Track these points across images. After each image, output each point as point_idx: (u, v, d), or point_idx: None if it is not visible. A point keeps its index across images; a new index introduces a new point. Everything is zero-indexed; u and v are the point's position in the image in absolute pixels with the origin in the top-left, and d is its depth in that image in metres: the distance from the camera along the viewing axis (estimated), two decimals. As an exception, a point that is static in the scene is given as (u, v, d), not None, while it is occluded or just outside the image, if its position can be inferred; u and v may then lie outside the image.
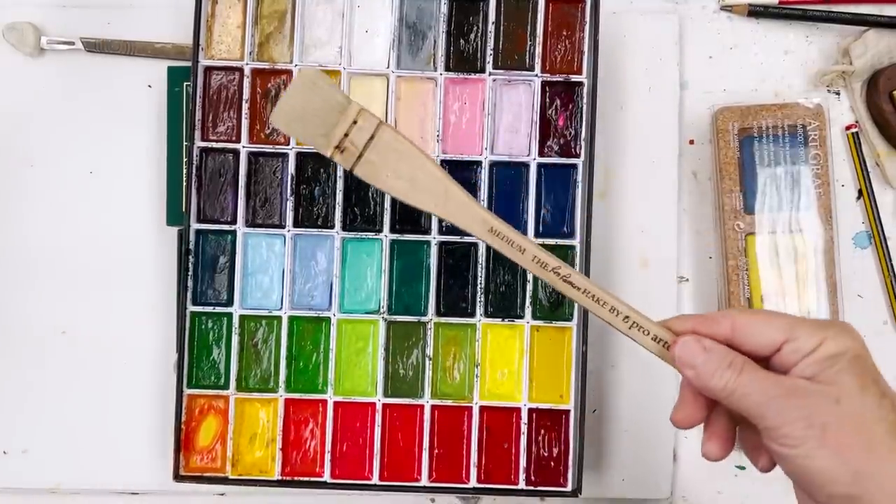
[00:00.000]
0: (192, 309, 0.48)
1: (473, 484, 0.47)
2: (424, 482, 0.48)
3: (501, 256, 0.48)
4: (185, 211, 0.48)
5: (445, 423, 0.48)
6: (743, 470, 0.52)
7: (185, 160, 0.50)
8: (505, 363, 0.48)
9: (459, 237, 0.48)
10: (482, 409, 0.48)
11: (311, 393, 0.48)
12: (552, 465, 0.48)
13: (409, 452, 0.48)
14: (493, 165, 0.48)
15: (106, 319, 0.51)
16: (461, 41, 0.48)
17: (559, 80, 0.48)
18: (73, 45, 0.51)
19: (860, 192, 0.52)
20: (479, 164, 0.48)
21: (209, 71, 0.48)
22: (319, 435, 0.48)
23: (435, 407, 0.48)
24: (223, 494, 0.51)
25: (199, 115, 0.48)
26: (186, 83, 0.50)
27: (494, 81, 0.48)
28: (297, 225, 0.48)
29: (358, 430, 0.48)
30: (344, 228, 0.48)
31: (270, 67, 0.48)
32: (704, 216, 0.52)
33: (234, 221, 0.48)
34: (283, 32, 0.48)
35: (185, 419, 0.47)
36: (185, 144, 0.50)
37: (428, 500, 0.52)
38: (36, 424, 0.50)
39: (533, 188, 0.48)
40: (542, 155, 0.48)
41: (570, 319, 0.48)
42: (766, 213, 0.50)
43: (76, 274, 0.51)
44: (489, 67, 0.48)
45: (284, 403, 0.48)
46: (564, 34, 0.48)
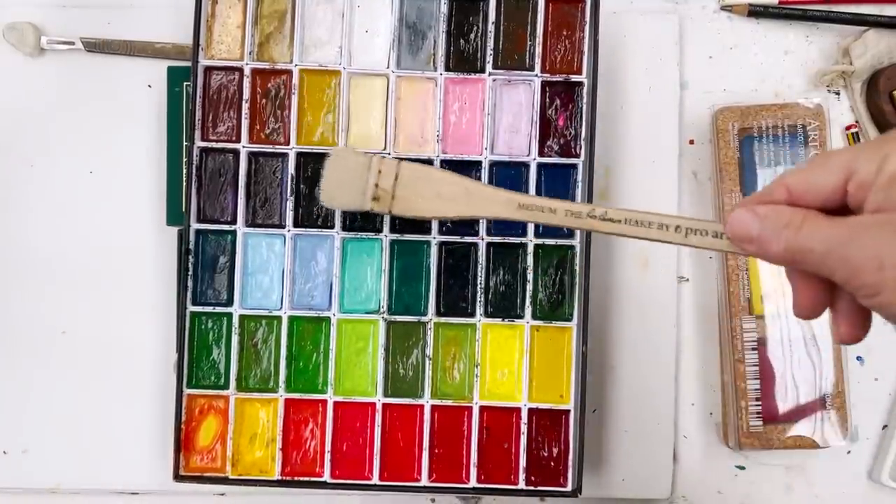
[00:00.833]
0: (192, 309, 0.48)
1: (473, 484, 0.47)
2: (424, 482, 0.48)
3: (501, 256, 0.48)
4: (185, 211, 0.48)
5: (445, 423, 0.48)
6: (743, 470, 0.52)
7: (185, 160, 0.50)
8: (505, 363, 0.48)
9: (459, 237, 0.48)
10: (482, 409, 0.48)
11: (311, 393, 0.48)
12: (552, 465, 0.48)
13: (408, 452, 0.48)
14: (493, 165, 0.48)
15: (106, 319, 0.51)
16: (461, 41, 0.48)
17: (559, 80, 0.48)
18: (73, 45, 0.51)
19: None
20: (479, 164, 0.48)
21: (209, 71, 0.48)
22: (319, 435, 0.48)
23: (435, 407, 0.48)
24: (223, 494, 0.51)
25: (199, 115, 0.48)
26: (186, 83, 0.50)
27: (494, 81, 0.48)
28: (297, 225, 0.48)
29: (358, 430, 0.48)
30: (344, 228, 0.48)
31: (270, 67, 0.48)
32: (704, 216, 0.52)
33: (234, 221, 0.48)
34: (283, 32, 0.48)
35: (185, 419, 0.47)
36: (185, 144, 0.50)
37: (428, 500, 0.52)
38: (36, 424, 0.50)
39: (533, 188, 0.48)
40: (542, 155, 0.48)
41: (570, 319, 0.48)
42: (766, 213, 0.50)
43: (76, 274, 0.51)
44: (489, 67, 0.48)
45: (284, 403, 0.48)
46: (564, 34, 0.48)
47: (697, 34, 0.53)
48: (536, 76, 0.48)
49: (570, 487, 0.47)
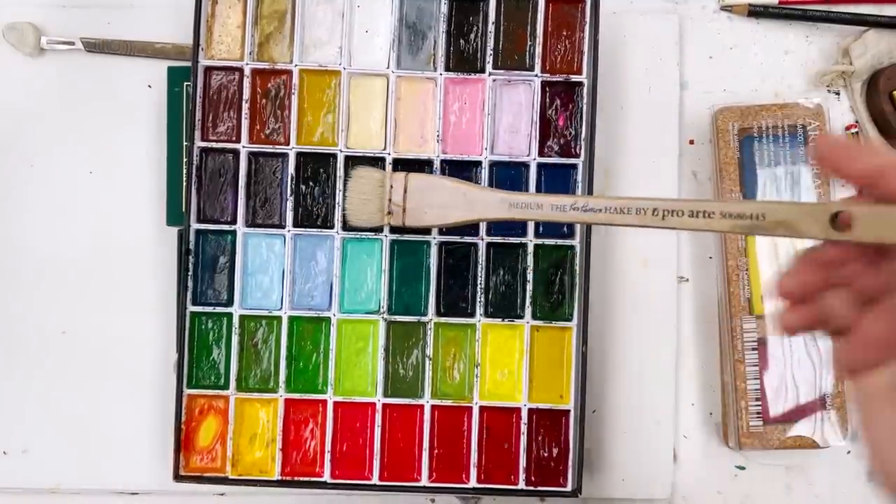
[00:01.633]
0: (192, 309, 0.48)
1: (473, 484, 0.47)
2: (424, 482, 0.48)
3: (501, 256, 0.48)
4: (185, 211, 0.48)
5: (445, 423, 0.48)
6: (743, 470, 0.52)
7: (185, 160, 0.50)
8: (505, 363, 0.48)
9: (459, 237, 0.48)
10: (482, 409, 0.48)
11: (311, 393, 0.48)
12: (552, 465, 0.48)
13: (409, 452, 0.48)
14: (493, 165, 0.48)
15: (106, 319, 0.51)
16: (461, 41, 0.48)
17: (559, 80, 0.48)
18: (73, 45, 0.51)
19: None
20: (479, 164, 0.48)
21: (209, 71, 0.48)
22: (319, 435, 0.48)
23: (435, 407, 0.48)
24: (223, 494, 0.51)
25: (199, 115, 0.48)
26: (186, 83, 0.50)
27: (494, 81, 0.48)
28: (296, 225, 0.48)
29: (358, 430, 0.48)
30: (344, 228, 0.48)
31: (270, 67, 0.48)
32: (704, 216, 0.52)
33: (234, 221, 0.48)
34: (283, 32, 0.48)
35: (185, 419, 0.47)
36: (185, 144, 0.50)
37: (428, 500, 0.52)
38: (36, 424, 0.50)
39: (533, 188, 0.48)
40: (542, 155, 0.48)
41: (570, 319, 0.48)
42: (766, 213, 0.50)
43: (76, 274, 0.51)
44: (489, 67, 0.48)
45: (284, 403, 0.48)
46: (564, 34, 0.48)
47: (697, 34, 0.53)
48: (536, 76, 0.48)
49: (569, 487, 0.47)
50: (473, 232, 0.48)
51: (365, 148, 0.48)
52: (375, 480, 0.47)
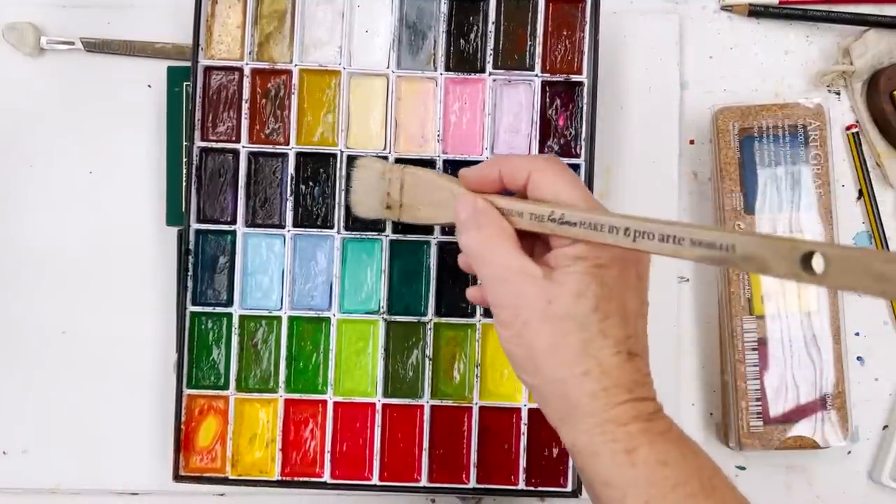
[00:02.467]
0: (191, 309, 0.48)
1: (473, 484, 0.47)
2: (424, 483, 0.48)
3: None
4: (184, 211, 0.48)
5: (445, 423, 0.48)
6: (743, 470, 0.52)
7: (185, 160, 0.50)
8: (505, 363, 0.48)
9: (459, 237, 0.48)
10: (482, 409, 0.48)
11: (310, 393, 0.48)
12: (552, 465, 0.48)
13: (408, 453, 0.48)
14: (493, 165, 0.48)
15: (106, 319, 0.51)
16: (461, 41, 0.48)
17: (559, 80, 0.48)
18: (73, 45, 0.51)
19: (860, 192, 0.52)
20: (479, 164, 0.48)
21: (209, 71, 0.48)
22: (319, 435, 0.48)
23: (435, 407, 0.48)
24: (223, 495, 0.51)
25: (198, 115, 0.48)
26: (186, 83, 0.50)
27: (494, 81, 0.48)
28: (296, 225, 0.48)
29: (358, 430, 0.48)
30: (344, 228, 0.48)
31: (270, 67, 0.48)
32: (704, 216, 0.52)
33: (233, 221, 0.48)
34: (283, 32, 0.48)
35: (184, 419, 0.47)
36: (185, 144, 0.50)
37: (428, 500, 0.52)
38: (36, 424, 0.50)
39: (533, 188, 0.48)
40: (542, 155, 0.48)
41: (570, 319, 0.48)
42: (766, 213, 0.50)
43: (76, 274, 0.51)
44: (489, 67, 0.48)
45: (284, 404, 0.48)
46: (564, 34, 0.48)
47: (697, 34, 0.53)
48: (536, 76, 0.48)
49: (570, 488, 0.47)
50: (473, 232, 0.48)
51: (365, 148, 0.48)
52: (375, 481, 0.47)
